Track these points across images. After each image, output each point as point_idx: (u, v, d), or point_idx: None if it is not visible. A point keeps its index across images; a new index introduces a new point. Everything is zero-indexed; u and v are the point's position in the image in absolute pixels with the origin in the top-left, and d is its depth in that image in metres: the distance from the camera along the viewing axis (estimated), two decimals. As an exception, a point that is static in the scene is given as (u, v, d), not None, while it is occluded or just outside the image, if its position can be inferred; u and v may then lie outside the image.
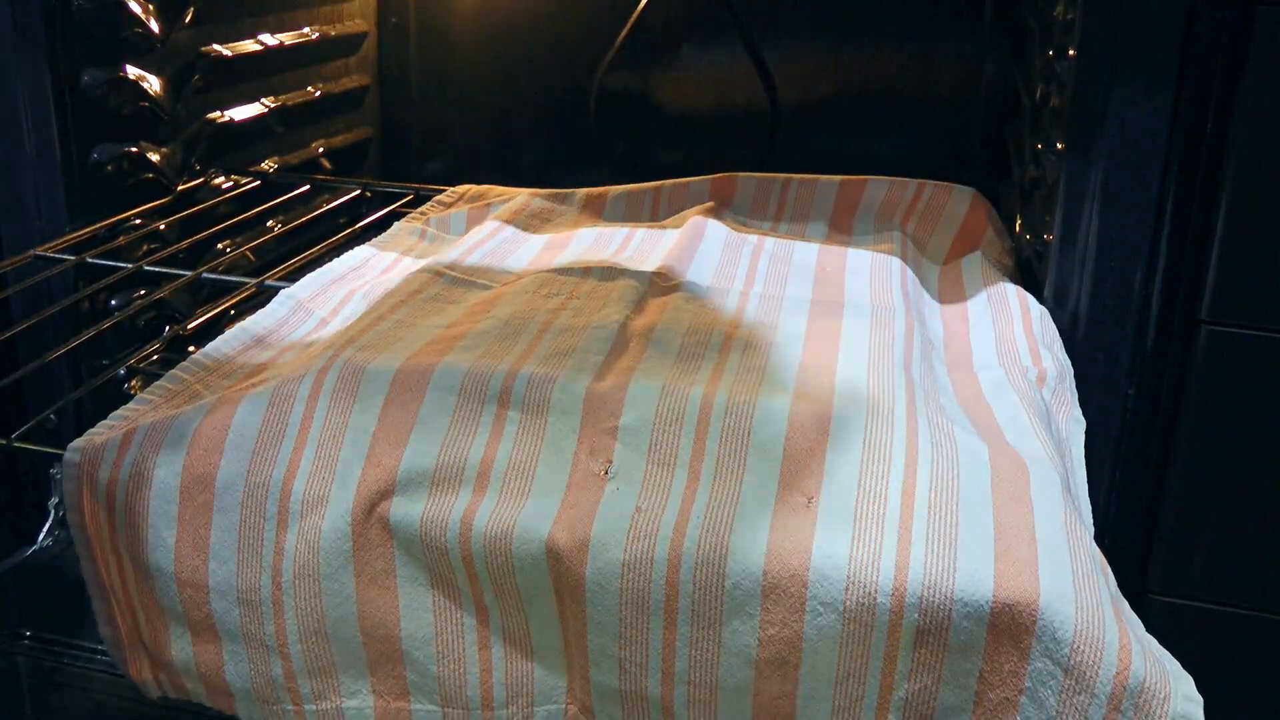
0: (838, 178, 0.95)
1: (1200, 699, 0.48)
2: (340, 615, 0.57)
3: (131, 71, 0.93)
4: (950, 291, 0.82)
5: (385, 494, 0.57)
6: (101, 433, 0.62)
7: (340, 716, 0.58)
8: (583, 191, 1.02)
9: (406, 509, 0.56)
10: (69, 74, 0.86)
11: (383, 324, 0.70)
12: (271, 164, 1.14)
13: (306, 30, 1.17)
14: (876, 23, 1.05)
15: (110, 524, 0.60)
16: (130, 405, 0.65)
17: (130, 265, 0.88)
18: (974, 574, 0.49)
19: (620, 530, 0.53)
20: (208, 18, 1.02)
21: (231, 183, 1.07)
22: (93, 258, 0.86)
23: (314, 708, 0.59)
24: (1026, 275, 0.84)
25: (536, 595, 0.54)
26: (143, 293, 0.92)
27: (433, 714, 0.58)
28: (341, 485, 0.58)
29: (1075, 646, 0.48)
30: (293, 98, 1.16)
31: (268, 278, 0.86)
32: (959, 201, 0.92)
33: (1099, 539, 0.56)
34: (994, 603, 0.49)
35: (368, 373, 0.61)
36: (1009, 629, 0.49)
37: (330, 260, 0.86)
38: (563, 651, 0.56)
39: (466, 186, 1.06)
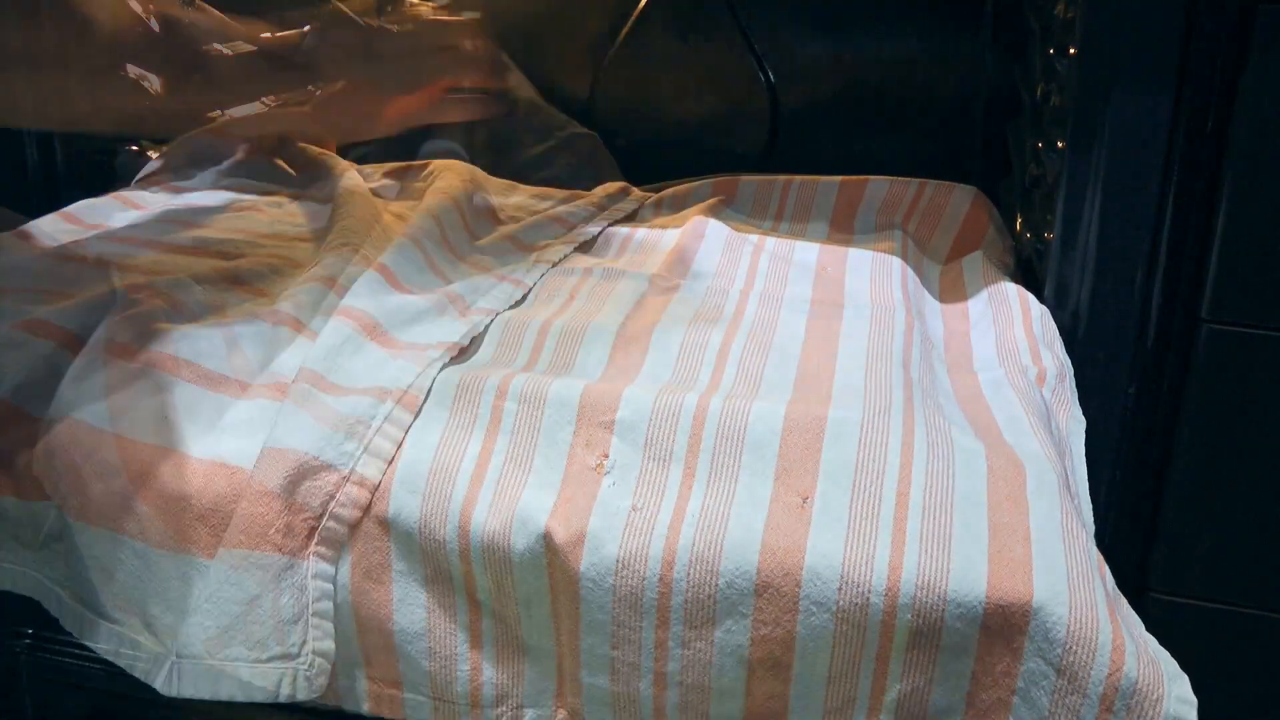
0: (838, 178, 0.94)
1: (1194, 700, 0.48)
2: (336, 607, 0.57)
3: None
4: (951, 291, 0.82)
5: (384, 487, 0.57)
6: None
7: (336, 695, 0.58)
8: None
9: (404, 501, 0.56)
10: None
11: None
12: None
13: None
14: (876, 22, 1.04)
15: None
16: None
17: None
18: (967, 574, 0.49)
19: (616, 526, 0.53)
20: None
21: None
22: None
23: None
24: (1027, 274, 0.84)
25: (531, 592, 0.54)
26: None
27: (423, 705, 0.58)
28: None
29: (1068, 647, 0.48)
30: (296, 97, 1.16)
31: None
32: (960, 201, 0.91)
33: (1099, 538, 0.56)
34: (987, 603, 0.49)
35: (365, 371, 0.61)
36: (1001, 629, 0.49)
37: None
38: (554, 654, 0.56)
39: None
